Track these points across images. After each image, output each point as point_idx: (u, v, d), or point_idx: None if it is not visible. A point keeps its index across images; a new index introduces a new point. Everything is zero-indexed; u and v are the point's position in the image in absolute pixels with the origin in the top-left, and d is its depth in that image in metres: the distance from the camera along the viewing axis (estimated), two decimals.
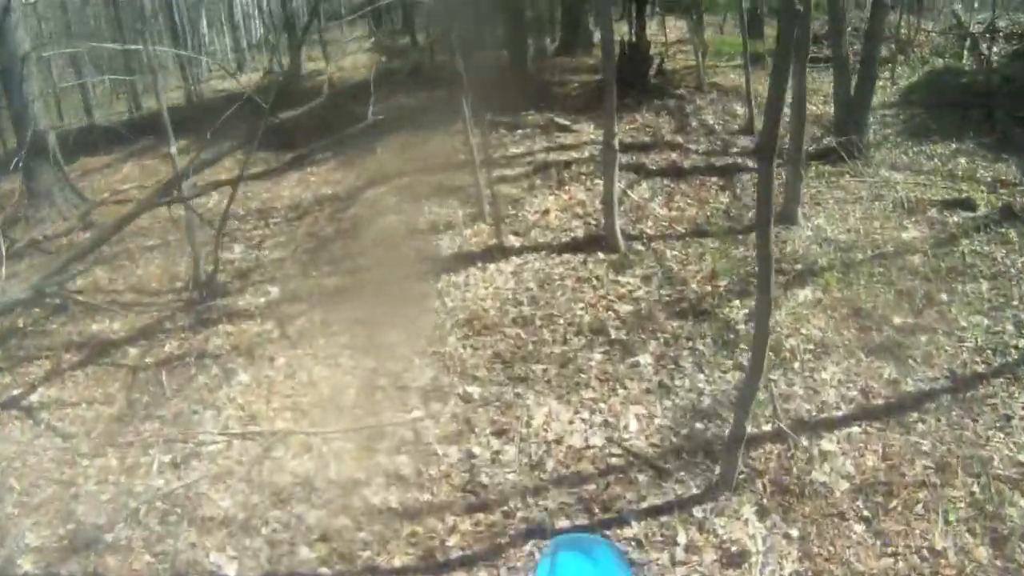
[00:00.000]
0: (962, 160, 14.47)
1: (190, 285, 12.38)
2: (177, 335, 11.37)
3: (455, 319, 10.63)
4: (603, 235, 11.84)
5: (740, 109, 16.76)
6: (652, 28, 20.51)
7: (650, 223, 12.47)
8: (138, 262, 13.79)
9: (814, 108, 17.11)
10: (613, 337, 10.01)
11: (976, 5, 22.09)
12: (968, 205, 12.67)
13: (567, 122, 15.50)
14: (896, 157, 14.79)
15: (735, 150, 15.06)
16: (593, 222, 12.32)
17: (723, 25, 21.89)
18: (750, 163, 14.52)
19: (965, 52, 19.43)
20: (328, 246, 12.70)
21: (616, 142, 11.03)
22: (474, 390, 9.39)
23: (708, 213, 12.92)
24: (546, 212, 12.54)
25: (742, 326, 10.03)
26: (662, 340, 9.96)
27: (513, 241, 11.93)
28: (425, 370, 9.87)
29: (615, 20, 26.16)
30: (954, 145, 14.97)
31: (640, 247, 11.83)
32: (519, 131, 15.51)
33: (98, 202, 15.79)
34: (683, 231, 12.38)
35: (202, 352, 10.84)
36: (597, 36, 24.38)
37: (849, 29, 21.80)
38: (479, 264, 11.57)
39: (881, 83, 17.62)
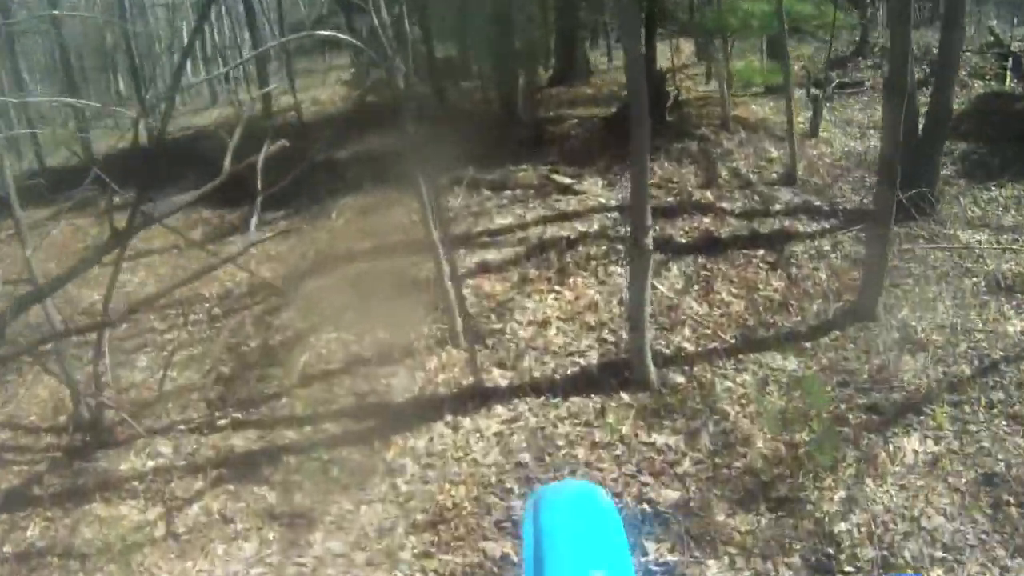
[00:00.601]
0: None
1: (71, 426, 8.15)
2: (44, 513, 7.30)
3: (410, 518, 6.44)
4: (627, 360, 7.49)
5: (774, 151, 12.43)
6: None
7: (687, 331, 8.19)
8: (26, 377, 9.58)
9: (854, 145, 12.87)
10: (651, 556, 5.70)
11: (1015, 20, 17.74)
12: None
13: (568, 179, 11.10)
14: (967, 209, 10.85)
15: (778, 207, 10.77)
16: (610, 338, 8.01)
17: (730, 50, 17.43)
18: (799, 226, 10.31)
19: (1008, 73, 15.38)
20: (248, 373, 8.37)
21: (650, 240, 6.70)
22: None
23: (760, 307, 8.68)
24: (544, 324, 8.19)
25: (842, 526, 6.03)
26: (726, 558, 5.85)
27: (498, 376, 7.60)
28: None
29: (614, 44, 21.83)
30: None
31: (678, 377, 7.56)
32: (507, 192, 11.09)
33: None
34: (732, 341, 8.13)
35: (68, 548, 6.85)
36: (596, 61, 20.16)
37: (876, 49, 17.66)
38: (448, 418, 7.24)
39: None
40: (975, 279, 9.29)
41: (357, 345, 8.17)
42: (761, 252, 9.67)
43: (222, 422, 7.73)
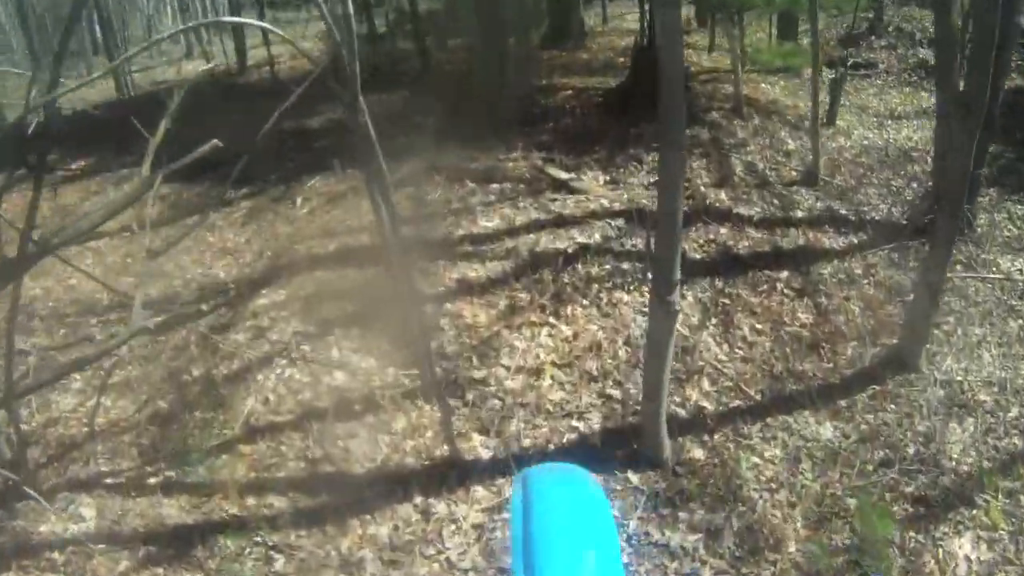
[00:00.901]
0: None
1: None
2: None
3: None
4: (635, 425, 6.08)
5: (791, 142, 10.94)
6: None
7: (706, 382, 6.76)
8: None
9: (873, 137, 11.42)
10: None
11: None
12: None
13: (564, 174, 9.54)
14: (1002, 227, 9.64)
15: (800, 215, 9.33)
16: (615, 393, 6.56)
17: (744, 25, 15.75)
18: (825, 240, 8.92)
19: None
20: (186, 415, 6.84)
21: (678, 296, 5.22)
22: None
23: (788, 348, 7.27)
24: (536, 372, 6.70)
25: None
26: None
27: (478, 445, 6.11)
28: None
29: (608, 4, 20.03)
30: None
31: (697, 450, 6.17)
32: (494, 186, 9.50)
33: None
34: (757, 396, 6.72)
35: None
36: (591, 23, 18.46)
37: (891, 28, 16.09)
38: (418, 499, 5.78)
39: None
40: (1021, 321, 7.98)
41: (311, 391, 6.65)
42: (785, 274, 8.23)
43: (153, 480, 6.25)
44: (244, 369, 6.96)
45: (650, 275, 6.02)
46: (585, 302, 7.42)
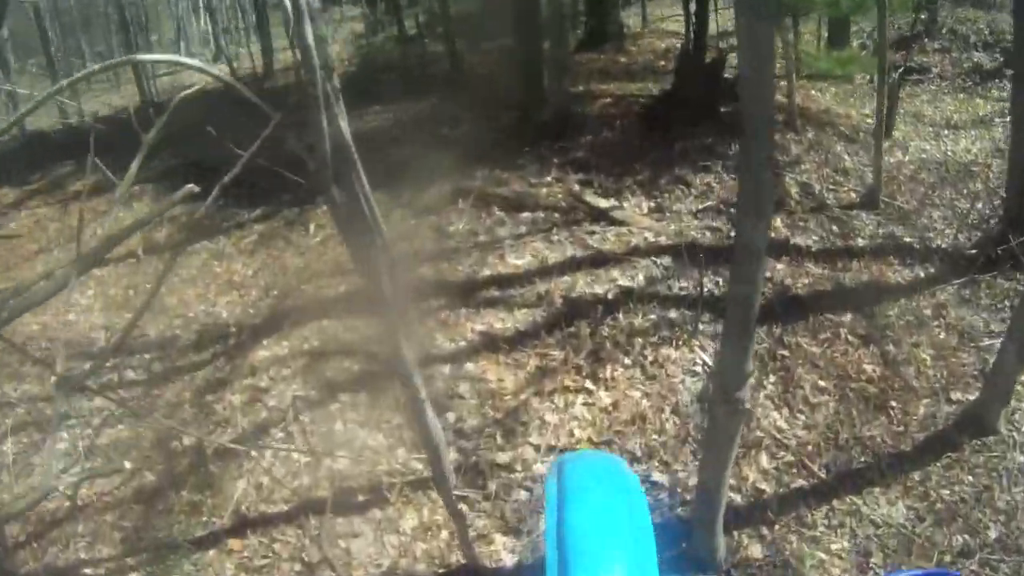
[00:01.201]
0: None
1: None
2: None
3: None
4: (684, 518, 5.13)
5: (847, 158, 9.85)
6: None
7: (764, 457, 5.78)
8: None
9: (931, 150, 10.33)
10: None
11: None
12: None
13: (604, 202, 8.54)
14: None
15: (861, 243, 8.29)
16: (662, 480, 5.67)
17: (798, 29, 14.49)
18: (890, 274, 7.91)
19: None
20: (175, 495, 5.96)
21: (747, 392, 4.18)
22: None
23: (853, 410, 6.25)
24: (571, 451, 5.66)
25: None
26: None
27: (501, 549, 5.17)
28: None
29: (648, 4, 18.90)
30: None
31: (754, 545, 5.26)
32: (525, 215, 8.50)
33: None
34: (822, 473, 5.76)
35: None
36: (629, 24, 17.33)
37: (944, 30, 14.85)
38: None
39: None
40: None
41: (310, 475, 5.73)
42: (849, 318, 7.19)
43: (133, 563, 5.40)
44: (238, 441, 6.06)
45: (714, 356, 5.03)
46: (627, 361, 6.42)
